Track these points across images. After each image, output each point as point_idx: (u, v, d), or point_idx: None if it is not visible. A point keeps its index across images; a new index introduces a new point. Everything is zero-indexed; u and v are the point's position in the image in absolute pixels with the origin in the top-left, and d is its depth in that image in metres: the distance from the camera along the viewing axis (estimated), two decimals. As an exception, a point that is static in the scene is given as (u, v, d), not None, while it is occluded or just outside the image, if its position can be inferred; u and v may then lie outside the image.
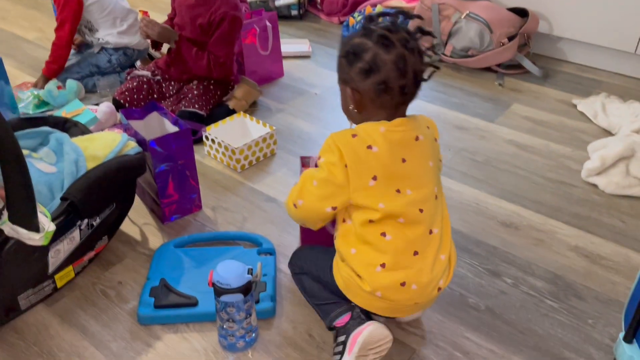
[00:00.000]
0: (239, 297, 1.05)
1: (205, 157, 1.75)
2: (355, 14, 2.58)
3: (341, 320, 1.05)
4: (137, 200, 1.49)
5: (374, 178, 0.97)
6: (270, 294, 1.20)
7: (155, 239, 1.42)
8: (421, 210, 0.99)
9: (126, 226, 1.44)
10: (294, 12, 2.78)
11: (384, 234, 0.98)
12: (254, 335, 1.12)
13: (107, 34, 2.06)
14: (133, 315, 1.19)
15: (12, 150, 0.95)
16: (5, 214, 0.99)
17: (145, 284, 1.23)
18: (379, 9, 2.59)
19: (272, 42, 2.16)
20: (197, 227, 1.47)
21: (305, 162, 1.39)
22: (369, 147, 0.97)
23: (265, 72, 2.19)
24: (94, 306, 1.22)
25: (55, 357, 1.10)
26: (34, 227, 1.02)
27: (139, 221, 1.48)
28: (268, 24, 2.11)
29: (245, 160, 1.69)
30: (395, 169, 0.98)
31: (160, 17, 2.04)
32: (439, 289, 1.03)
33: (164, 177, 1.41)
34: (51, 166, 1.22)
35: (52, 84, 1.88)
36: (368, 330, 1.00)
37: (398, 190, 0.98)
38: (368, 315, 1.05)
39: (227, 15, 1.77)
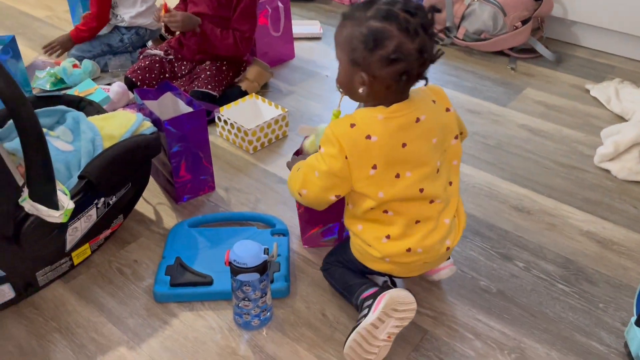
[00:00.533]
0: (255, 276, 1.06)
1: (218, 138, 1.75)
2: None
3: (368, 293, 1.07)
4: (151, 180, 1.50)
5: (374, 167, 0.98)
6: (284, 274, 1.22)
7: (170, 219, 1.43)
8: (421, 190, 1.02)
9: (141, 205, 1.45)
10: (305, -7, 2.75)
11: (385, 212, 1.03)
12: (268, 314, 1.14)
13: (126, 13, 2.04)
14: (149, 292, 1.21)
15: (33, 128, 0.95)
16: (26, 191, 1.01)
17: (161, 263, 1.25)
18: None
19: (284, 23, 2.15)
20: (211, 208, 1.48)
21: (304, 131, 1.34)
22: (368, 137, 0.97)
23: (276, 54, 2.18)
24: (110, 283, 1.24)
25: (73, 332, 1.13)
26: (53, 204, 1.03)
27: (153, 201, 1.49)
28: (280, 4, 2.10)
29: (257, 142, 1.70)
30: (394, 155, 0.98)
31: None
32: (448, 248, 1.08)
33: (178, 158, 1.41)
34: (68, 144, 1.22)
35: (69, 62, 1.87)
36: (394, 291, 1.03)
37: (397, 175, 1.00)
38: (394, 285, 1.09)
39: None
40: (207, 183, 1.51)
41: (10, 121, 1.19)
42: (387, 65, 0.92)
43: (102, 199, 1.23)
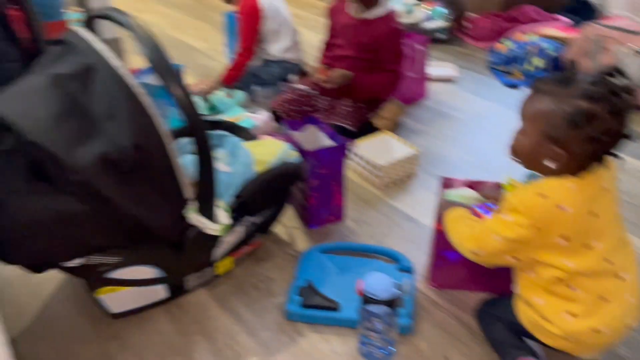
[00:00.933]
0: (384, 309, 1.10)
1: (350, 171, 1.84)
2: (504, 40, 2.54)
3: None
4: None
5: (563, 237, 0.97)
6: (409, 311, 1.24)
7: (301, 242, 1.53)
8: (609, 261, 0.98)
9: (277, 226, 1.56)
10: (441, 36, 2.80)
11: (571, 286, 0.99)
12: (392, 348, 1.17)
13: (273, 47, 2.23)
14: (280, 309, 1.30)
15: (207, 150, 1.09)
16: (193, 203, 1.14)
17: (293, 283, 1.33)
18: (530, 36, 2.52)
19: (420, 64, 2.21)
20: (340, 236, 1.55)
21: (447, 184, 1.39)
22: (560, 207, 0.96)
23: (409, 93, 2.24)
24: (247, 296, 1.34)
25: (213, 337, 1.24)
26: (214, 219, 1.16)
27: (288, 223, 1.60)
28: (418, 46, 2.17)
29: (387, 178, 1.75)
30: (586, 226, 0.97)
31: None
32: (630, 327, 1.03)
33: (315, 187, 1.51)
34: (227, 166, 1.37)
35: (224, 92, 2.09)
36: None
37: (587, 245, 0.98)
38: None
39: (394, 31, 1.87)
40: (337, 213, 1.59)
41: (182, 139, 1.37)
42: (590, 144, 0.93)
43: (250, 218, 1.35)
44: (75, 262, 1.08)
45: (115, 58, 1.06)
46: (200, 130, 1.06)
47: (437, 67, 2.51)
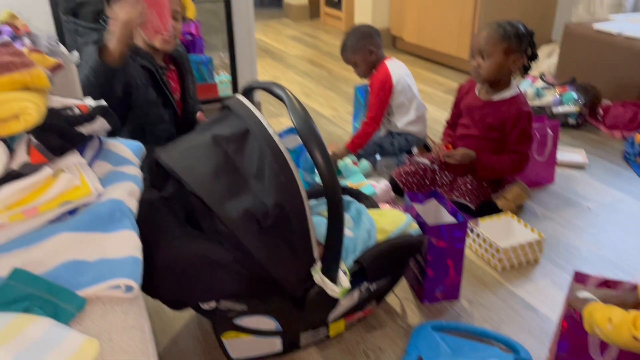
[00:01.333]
0: (501, 400, 1.05)
1: (468, 249, 1.81)
2: (645, 131, 2.40)
3: None
4: (402, 275, 1.62)
5: None
6: (526, 408, 1.17)
7: (413, 315, 1.52)
8: None
9: (390, 297, 1.57)
10: (572, 121, 2.72)
11: None
12: None
13: (399, 120, 2.32)
14: (387, 382, 1.29)
15: (339, 214, 1.16)
16: (319, 264, 1.21)
17: (404, 357, 1.32)
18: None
19: (550, 149, 2.16)
20: (453, 315, 1.52)
21: (580, 279, 1.33)
22: None
23: (536, 177, 2.18)
24: (356, 362, 1.36)
25: (320, 397, 1.25)
26: (336, 281, 1.21)
27: (400, 294, 1.60)
28: (549, 131, 2.13)
29: (507, 261, 1.70)
30: None
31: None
32: None
33: (433, 261, 1.51)
34: (350, 231, 1.43)
35: (349, 159, 2.20)
36: None
37: None
38: None
39: (523, 113, 1.87)
40: (452, 291, 1.57)
41: (313, 200, 1.46)
42: None
43: (366, 284, 1.38)
44: (209, 305, 1.18)
45: (269, 125, 1.18)
46: (336, 195, 1.13)
47: (567, 152, 2.43)
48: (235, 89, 2.72)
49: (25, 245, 0.79)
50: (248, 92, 1.37)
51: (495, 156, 1.93)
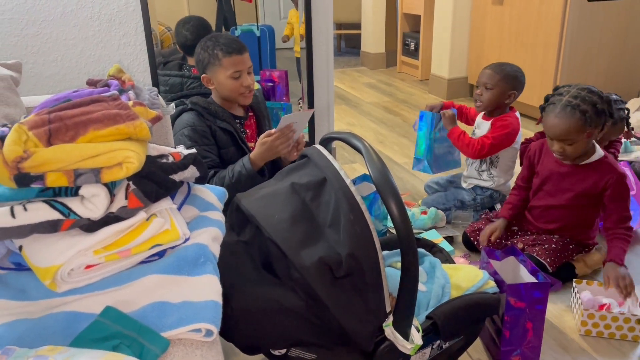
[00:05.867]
0: None
1: (550, 311, 1.71)
2: None
3: None
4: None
5: None
6: None
7: (487, 379, 1.44)
8: None
9: (463, 356, 1.51)
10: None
11: None
12: None
13: (500, 176, 2.24)
14: None
15: (415, 269, 1.14)
16: (391, 318, 1.19)
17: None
18: None
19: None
20: (532, 383, 1.43)
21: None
22: None
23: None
24: None
25: None
26: (407, 336, 1.18)
27: (474, 354, 1.53)
28: (633, 186, 2.00)
29: (594, 327, 1.58)
30: None
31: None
32: None
33: (510, 322, 1.44)
34: (423, 285, 1.40)
35: (418, 209, 2.17)
36: None
37: None
38: None
39: (620, 175, 1.75)
40: (531, 355, 1.48)
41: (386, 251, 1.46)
42: None
43: (438, 342, 1.33)
44: (280, 351, 1.19)
45: (346, 176, 1.21)
46: (412, 249, 1.12)
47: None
48: (312, 134, 2.80)
49: (117, 284, 0.85)
50: (326, 142, 1.41)
51: (618, 244, 1.72)
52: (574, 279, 1.74)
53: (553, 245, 1.84)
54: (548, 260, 1.80)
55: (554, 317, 1.69)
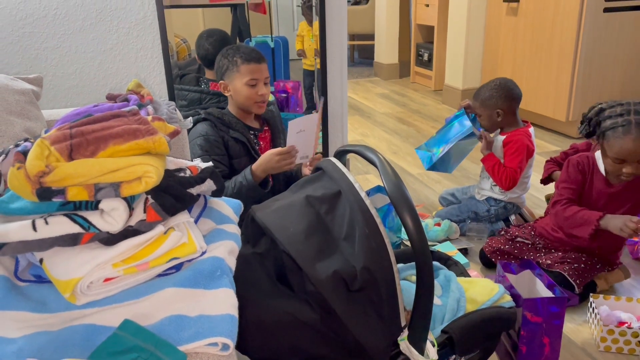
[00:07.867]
0: None
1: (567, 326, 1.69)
2: None
3: None
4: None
5: None
6: None
7: (503, 395, 1.42)
8: None
9: (478, 371, 1.49)
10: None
11: None
12: None
13: (510, 192, 2.21)
14: None
15: (430, 282, 1.14)
16: (406, 332, 1.18)
17: None
18: None
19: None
20: (549, 399, 1.41)
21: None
22: None
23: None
24: None
25: None
26: (422, 351, 1.18)
27: (490, 370, 1.51)
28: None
29: (613, 343, 1.56)
30: None
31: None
32: None
33: (527, 337, 1.42)
34: (437, 299, 1.39)
35: (432, 220, 2.17)
36: None
37: None
38: None
39: None
40: (548, 370, 1.46)
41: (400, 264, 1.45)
42: None
43: (453, 357, 1.32)
44: (294, 364, 1.19)
45: (361, 189, 1.21)
46: (427, 263, 1.12)
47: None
48: (325, 145, 2.81)
49: (135, 297, 0.86)
50: (341, 154, 1.41)
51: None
52: (591, 294, 1.72)
53: (582, 265, 1.81)
54: (577, 281, 1.77)
55: (571, 332, 1.67)
